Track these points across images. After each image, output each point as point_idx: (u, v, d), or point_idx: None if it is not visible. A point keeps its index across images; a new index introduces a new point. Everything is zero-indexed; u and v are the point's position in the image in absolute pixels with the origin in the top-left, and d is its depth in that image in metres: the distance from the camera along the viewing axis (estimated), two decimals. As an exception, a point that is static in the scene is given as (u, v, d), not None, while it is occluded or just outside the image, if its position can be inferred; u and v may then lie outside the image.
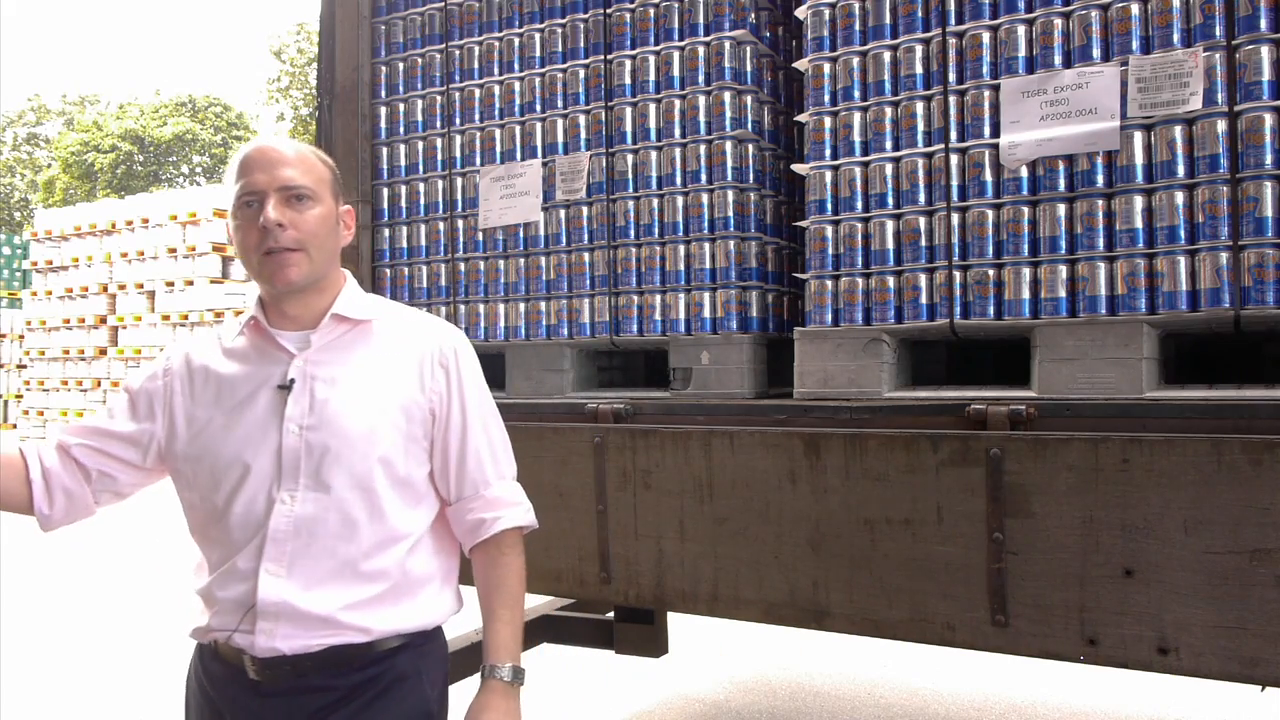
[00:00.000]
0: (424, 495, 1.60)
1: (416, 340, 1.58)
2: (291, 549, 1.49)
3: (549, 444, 2.43)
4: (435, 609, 1.61)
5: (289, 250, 1.48)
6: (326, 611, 1.49)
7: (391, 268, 3.01)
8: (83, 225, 17.99)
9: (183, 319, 16.02)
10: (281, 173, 1.48)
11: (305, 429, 1.49)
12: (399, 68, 3.04)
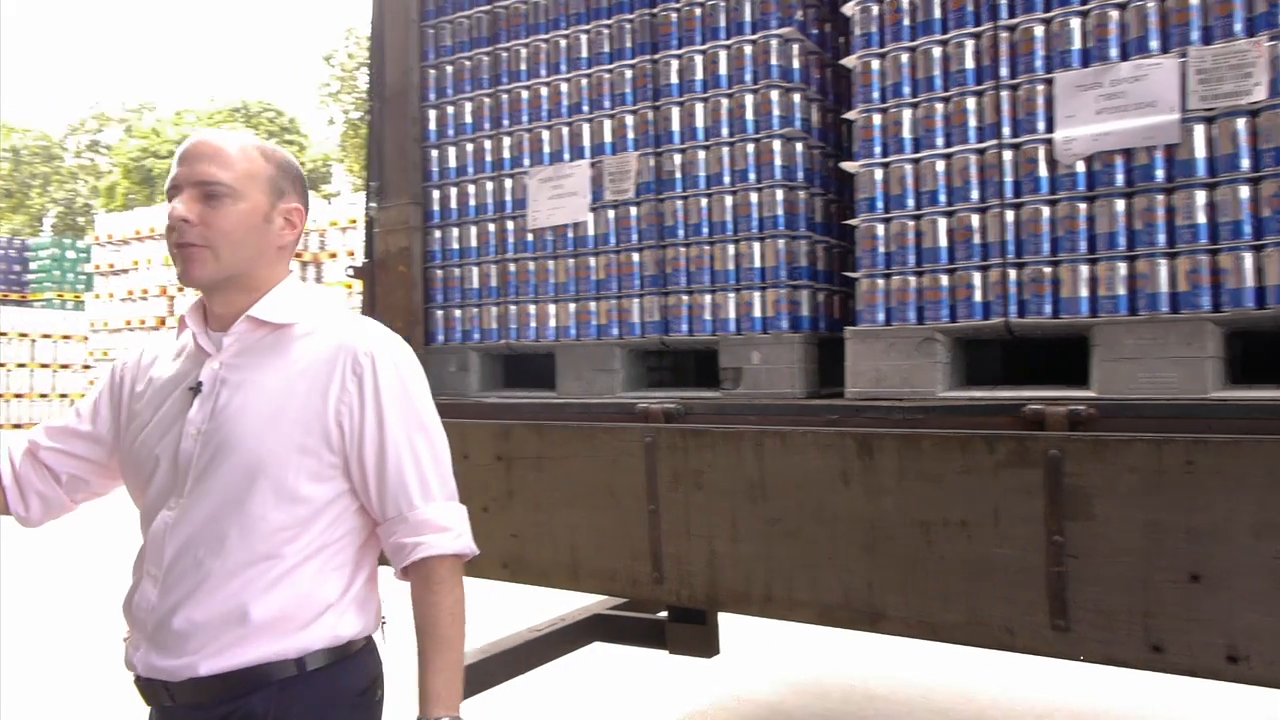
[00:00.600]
0: (323, 515, 1.45)
1: (333, 347, 1.46)
2: (168, 559, 1.42)
3: (600, 444, 2.44)
4: (309, 641, 1.43)
5: (194, 246, 1.42)
6: (184, 629, 1.39)
7: (443, 269, 3.04)
8: (142, 229, 18.45)
9: (239, 320, 16.36)
10: (200, 167, 1.43)
11: (202, 434, 1.43)
12: (447, 71, 3.07)
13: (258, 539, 1.40)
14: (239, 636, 1.39)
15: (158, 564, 1.43)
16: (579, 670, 4.02)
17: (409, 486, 1.46)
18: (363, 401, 1.44)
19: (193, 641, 1.39)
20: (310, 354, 1.46)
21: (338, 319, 1.53)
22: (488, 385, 2.99)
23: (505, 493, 2.61)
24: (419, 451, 1.48)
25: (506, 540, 2.62)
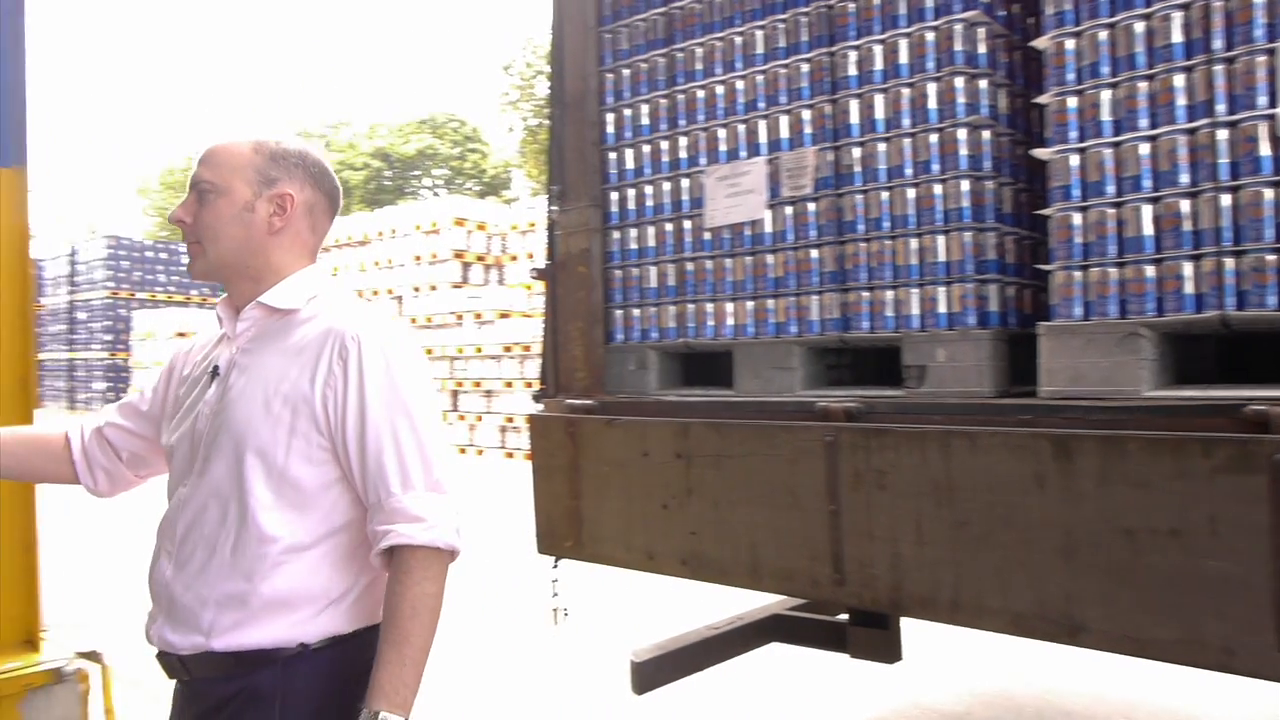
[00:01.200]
0: (319, 501, 1.47)
1: (324, 330, 1.48)
2: (180, 536, 1.48)
3: (779, 443, 2.42)
4: (310, 626, 1.45)
5: (189, 243, 1.53)
6: (192, 606, 1.44)
7: (622, 269, 3.09)
8: (340, 238, 19.67)
9: (428, 321, 17.19)
10: (195, 172, 1.52)
11: (211, 414, 1.49)
12: (625, 74, 3.12)
13: (257, 519, 1.43)
14: (245, 616, 1.43)
15: (172, 540, 1.49)
16: (756, 670, 4.00)
17: (387, 473, 1.44)
18: (346, 384, 1.45)
19: (203, 617, 1.43)
20: (302, 337, 1.50)
21: (338, 304, 1.55)
22: (666, 383, 3.02)
23: (684, 490, 2.63)
24: (401, 438, 1.45)
25: (685, 537, 2.64)
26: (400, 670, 1.39)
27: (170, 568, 1.48)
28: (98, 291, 26.98)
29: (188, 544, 1.47)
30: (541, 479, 3.04)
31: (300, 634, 1.45)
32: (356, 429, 1.45)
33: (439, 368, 16.84)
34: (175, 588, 1.47)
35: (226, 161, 1.52)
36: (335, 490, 1.48)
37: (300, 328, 1.52)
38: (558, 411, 3.05)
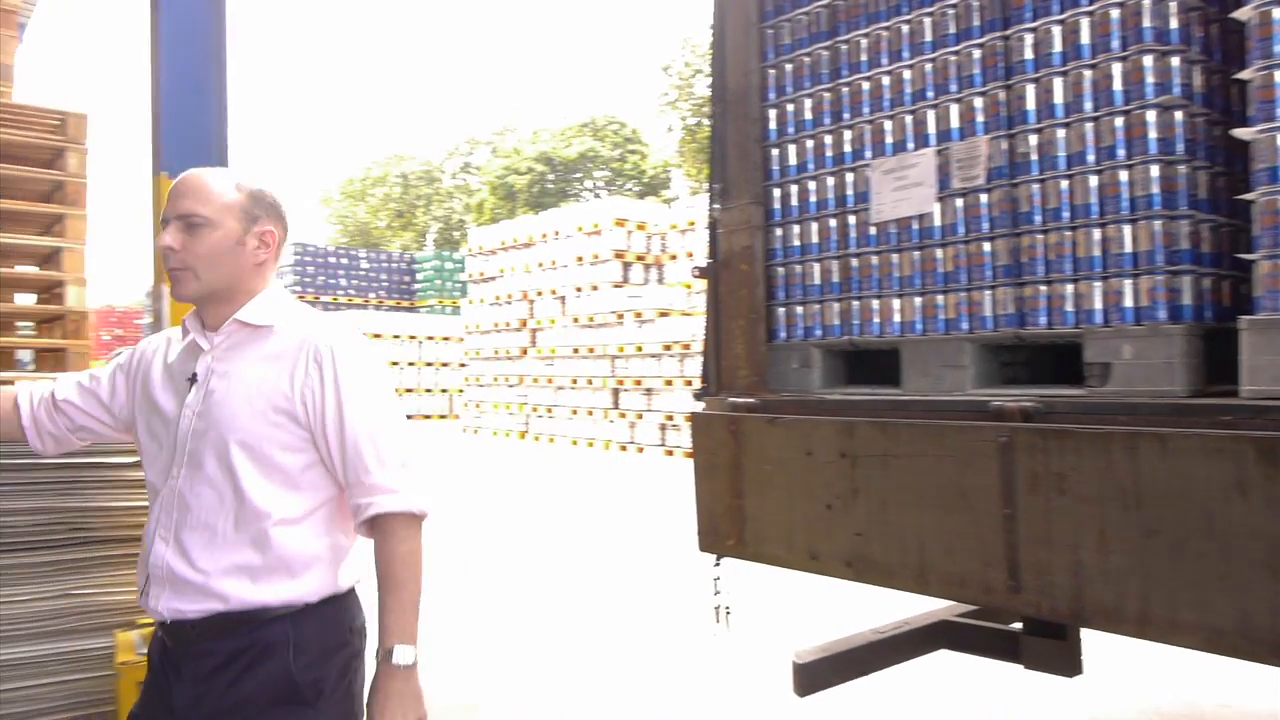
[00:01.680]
0: (301, 481, 1.74)
1: (298, 340, 1.75)
2: (176, 520, 1.71)
3: (949, 443, 2.34)
4: (314, 586, 1.73)
5: (178, 269, 1.73)
6: (199, 579, 1.68)
7: (784, 266, 3.06)
8: (506, 240, 20.33)
9: (590, 320, 17.52)
10: (181, 203, 1.72)
11: (196, 415, 1.72)
12: (787, 69, 3.09)
13: (252, 499, 1.69)
14: (253, 581, 1.69)
15: (168, 527, 1.72)
16: (923, 677, 3.88)
17: (364, 456, 1.71)
18: (323, 385, 1.72)
19: (215, 586, 1.67)
20: (278, 346, 1.76)
21: (307, 318, 1.82)
22: (830, 382, 2.97)
23: (849, 491, 2.58)
24: (372, 426, 1.72)
25: (850, 539, 2.59)
26: (403, 614, 1.70)
27: (169, 551, 1.71)
28: (287, 295, 28.78)
29: (187, 527, 1.71)
30: (703, 477, 3.05)
31: (303, 593, 1.72)
32: (335, 422, 1.72)
33: (600, 366, 17.15)
34: (178, 566, 1.70)
35: (216, 199, 1.74)
36: (314, 471, 1.75)
37: (273, 338, 1.77)
38: (720, 410, 3.05)
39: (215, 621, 1.69)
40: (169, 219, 1.74)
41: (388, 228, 48.15)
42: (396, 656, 1.69)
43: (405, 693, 1.69)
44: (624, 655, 4.98)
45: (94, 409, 1.93)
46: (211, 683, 1.70)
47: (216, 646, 1.70)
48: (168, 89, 2.96)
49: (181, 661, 1.73)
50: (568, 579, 6.77)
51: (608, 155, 39.45)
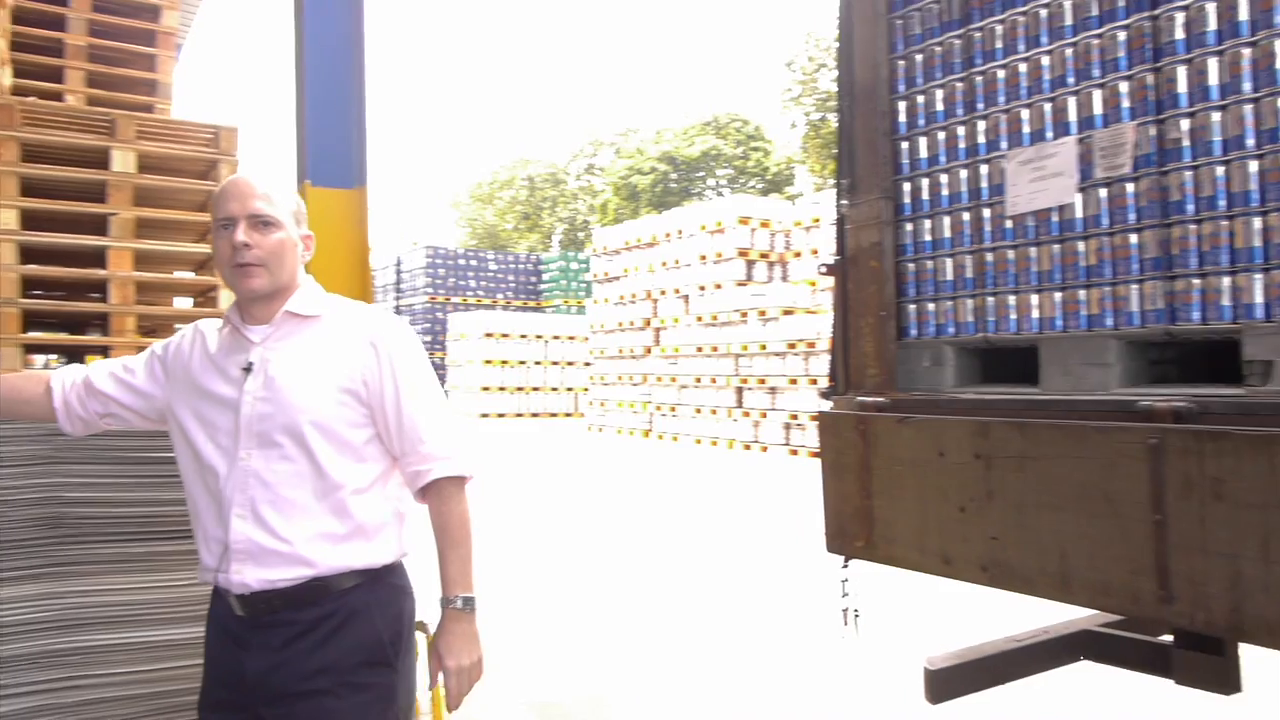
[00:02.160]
0: (365, 454, 1.90)
1: (351, 328, 1.92)
2: (253, 497, 1.82)
3: (1092, 445, 2.23)
4: (383, 550, 1.91)
5: (253, 265, 1.85)
6: (284, 549, 1.81)
7: (915, 262, 2.99)
8: (630, 240, 20.50)
9: (713, 319, 17.51)
10: (251, 203, 1.86)
11: (258, 400, 1.84)
12: (916, 60, 3.01)
13: (325, 474, 1.84)
14: (333, 546, 1.84)
15: (244, 504, 1.83)
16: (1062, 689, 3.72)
17: (419, 427, 1.90)
18: (380, 366, 1.89)
19: (300, 554, 1.81)
20: (332, 334, 1.92)
21: (350, 308, 2.00)
22: (963, 380, 2.88)
23: (984, 493, 2.49)
24: (424, 400, 1.92)
25: (985, 543, 2.50)
26: (462, 565, 1.92)
27: (249, 524, 1.82)
28: (419, 297, 29.86)
29: (265, 502, 1.83)
30: (831, 477, 3.01)
31: (378, 557, 1.90)
32: (393, 397, 1.89)
33: (724, 365, 17.12)
34: (261, 538, 1.82)
35: (281, 203, 1.92)
36: (374, 444, 1.93)
37: (324, 326, 1.93)
38: (848, 409, 3.00)
39: (303, 589, 1.83)
40: (237, 218, 1.86)
41: (515, 230, 49.25)
42: (460, 603, 1.90)
43: (468, 634, 1.91)
44: (750, 655, 4.96)
45: (126, 397, 2.03)
46: (289, 651, 1.83)
47: (297, 615, 1.84)
48: (311, 103, 3.10)
49: (251, 634, 1.85)
50: (692, 577, 6.78)
51: (731, 153, 39.30)
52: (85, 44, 4.66)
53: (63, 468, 2.73)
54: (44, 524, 2.73)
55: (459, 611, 1.91)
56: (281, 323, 1.93)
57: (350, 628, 1.86)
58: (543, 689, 4.41)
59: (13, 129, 3.45)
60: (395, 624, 1.93)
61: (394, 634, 1.92)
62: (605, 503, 10.51)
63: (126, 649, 2.80)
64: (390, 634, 1.91)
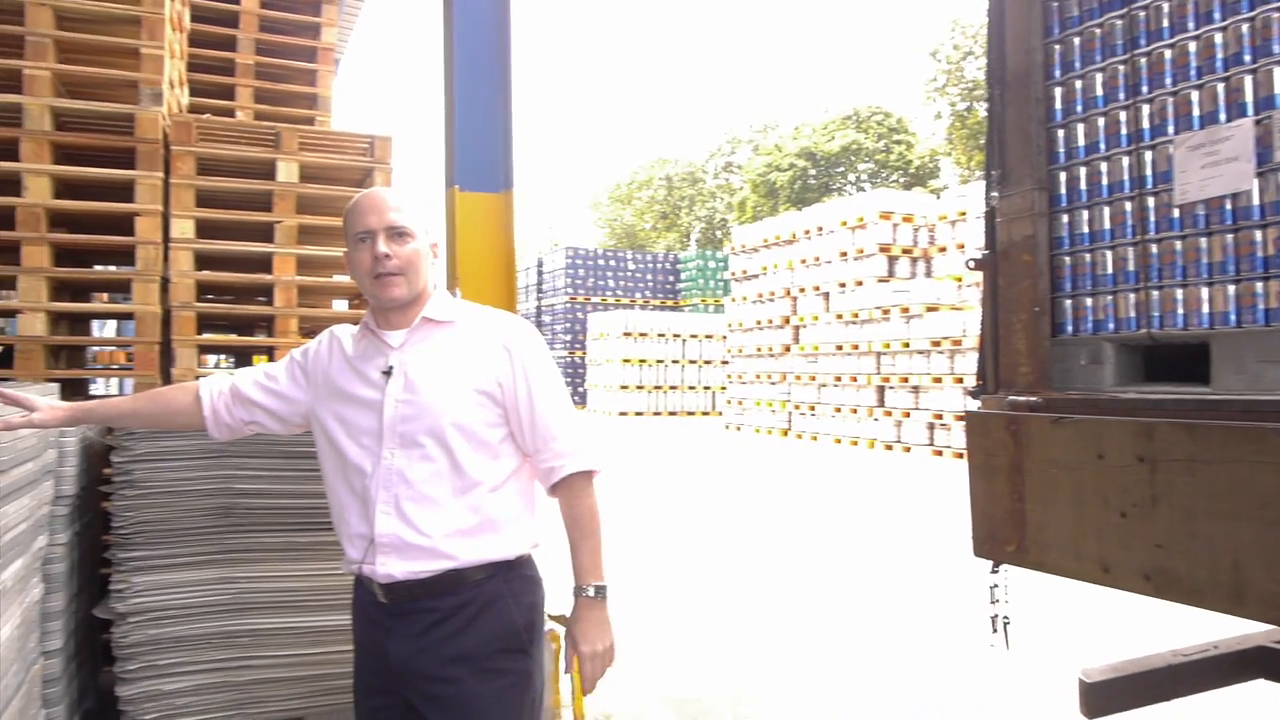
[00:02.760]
0: (500, 451, 1.98)
1: (484, 333, 2.00)
2: (397, 494, 1.90)
3: (1273, 448, 2.08)
4: (516, 542, 1.98)
5: (393, 274, 1.94)
6: (425, 543, 1.89)
7: (1071, 255, 2.85)
8: (769, 238, 20.34)
9: (854, 317, 17.19)
10: (388, 216, 1.94)
11: (400, 402, 1.93)
12: (1074, 43, 2.87)
13: (464, 471, 1.92)
14: (474, 540, 1.92)
15: (388, 501, 1.91)
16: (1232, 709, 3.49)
17: (550, 425, 1.98)
18: (513, 368, 1.97)
19: (440, 549, 1.89)
20: (467, 339, 2.00)
21: (479, 313, 2.08)
22: (1124, 379, 2.73)
23: (1148, 498, 2.36)
24: (555, 399, 2.00)
25: (1149, 550, 2.36)
26: (594, 555, 2.00)
27: (393, 519, 1.91)
28: (559, 297, 30.45)
29: (408, 498, 1.91)
30: (980, 479, 2.90)
31: (511, 549, 1.98)
32: (526, 397, 1.98)
33: (865, 363, 16.78)
34: (404, 533, 1.90)
35: (413, 214, 2.00)
36: (508, 443, 2.01)
37: (458, 332, 2.01)
38: (998, 409, 2.88)
39: (442, 578, 1.91)
40: (375, 231, 1.96)
41: (653, 229, 49.61)
42: (592, 591, 1.99)
43: (601, 620, 1.99)
44: (893, 661, 4.85)
45: (270, 402, 2.13)
46: (429, 637, 1.92)
47: (438, 603, 1.92)
48: (460, 110, 3.21)
49: (392, 620, 1.94)
50: (834, 578, 6.67)
51: (872, 147, 38.44)
52: (253, 63, 4.96)
53: (233, 461, 2.92)
54: (217, 513, 2.92)
55: (592, 599, 1.99)
56: (418, 328, 2.02)
57: (486, 616, 1.94)
58: (680, 684, 4.43)
59: (190, 145, 3.70)
60: (529, 613, 2.00)
61: (528, 622, 1.99)
62: (744, 500, 10.47)
63: (292, 632, 2.97)
64: (524, 622, 1.98)
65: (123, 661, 2.84)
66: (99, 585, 3.23)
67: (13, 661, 2.33)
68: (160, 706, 2.85)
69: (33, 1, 3.51)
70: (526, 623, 1.99)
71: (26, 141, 3.48)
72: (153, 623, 2.84)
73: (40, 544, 2.65)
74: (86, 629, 3.17)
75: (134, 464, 2.86)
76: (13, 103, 3.48)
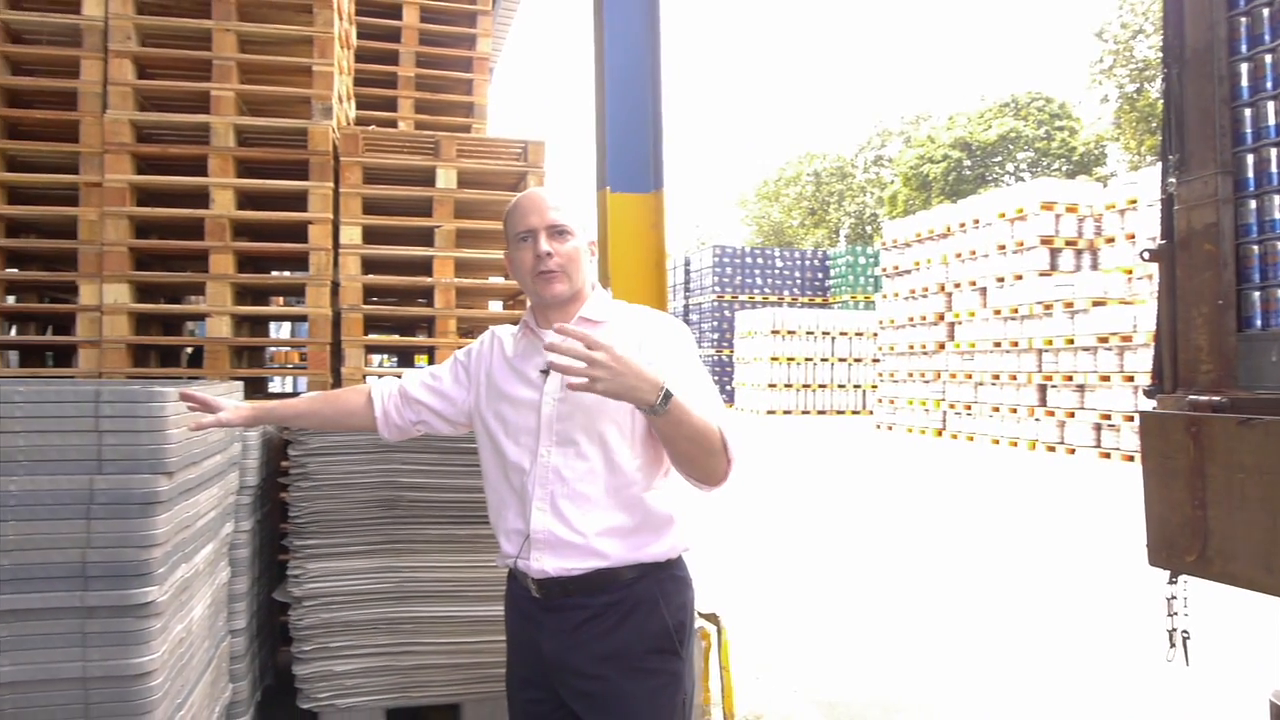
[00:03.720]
0: (655, 451, 1.96)
1: (639, 331, 2.00)
2: (552, 491, 1.93)
3: None
4: (668, 543, 1.97)
5: (555, 271, 1.96)
6: (579, 541, 1.90)
7: (1261, 244, 2.64)
8: (921, 232, 19.79)
9: (1013, 312, 16.51)
10: (548, 215, 1.97)
11: (557, 401, 1.95)
12: (1263, 14, 2.66)
13: (620, 470, 1.93)
14: (623, 540, 1.92)
15: (544, 498, 1.94)
16: None
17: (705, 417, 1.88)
18: (667, 365, 1.89)
19: (593, 547, 1.90)
20: (623, 336, 1.95)
21: (632, 312, 2.10)
22: (1322, 377, 2.51)
23: (1352, 507, 2.16)
24: (707, 396, 1.95)
25: (1354, 564, 2.17)
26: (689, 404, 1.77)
27: (548, 516, 1.94)
28: (707, 295, 30.50)
29: (563, 496, 1.94)
30: (1156, 484, 2.73)
31: (664, 550, 1.97)
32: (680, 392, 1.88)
33: (1025, 361, 16.08)
34: (559, 530, 1.93)
35: (572, 213, 2.03)
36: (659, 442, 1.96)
37: (612, 330, 2.00)
38: (1177, 409, 2.71)
39: (595, 576, 1.93)
40: (536, 230, 1.99)
41: (800, 226, 49.05)
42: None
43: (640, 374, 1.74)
44: (1059, 674, 4.63)
45: (436, 402, 2.18)
46: (580, 634, 1.94)
47: (589, 600, 1.94)
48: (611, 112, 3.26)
49: (545, 615, 1.97)
50: (994, 585, 6.43)
51: (1031, 134, 36.78)
52: (413, 75, 5.18)
53: (397, 455, 3.05)
54: (383, 505, 3.06)
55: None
56: (576, 327, 2.05)
57: (637, 616, 1.94)
58: (831, 688, 4.36)
59: (357, 155, 3.89)
60: (680, 613, 2.00)
61: (678, 623, 1.98)
62: (898, 502, 10.21)
63: (450, 621, 3.09)
64: (675, 623, 1.97)
65: (298, 642, 3.01)
66: (277, 570, 3.45)
67: (204, 637, 2.51)
68: (331, 686, 3.01)
69: (219, 28, 3.77)
70: (677, 624, 1.98)
71: (213, 158, 3.75)
72: (325, 607, 3.01)
73: (227, 530, 2.84)
74: (267, 611, 3.38)
75: (308, 458, 3.03)
76: (202, 123, 3.75)
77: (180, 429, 2.15)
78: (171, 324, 4.39)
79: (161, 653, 2.03)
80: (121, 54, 3.67)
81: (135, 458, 2.00)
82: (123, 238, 3.66)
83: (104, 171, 3.64)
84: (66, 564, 1.94)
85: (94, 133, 3.66)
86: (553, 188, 2.13)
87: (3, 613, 1.90)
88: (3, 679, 1.90)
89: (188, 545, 2.30)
